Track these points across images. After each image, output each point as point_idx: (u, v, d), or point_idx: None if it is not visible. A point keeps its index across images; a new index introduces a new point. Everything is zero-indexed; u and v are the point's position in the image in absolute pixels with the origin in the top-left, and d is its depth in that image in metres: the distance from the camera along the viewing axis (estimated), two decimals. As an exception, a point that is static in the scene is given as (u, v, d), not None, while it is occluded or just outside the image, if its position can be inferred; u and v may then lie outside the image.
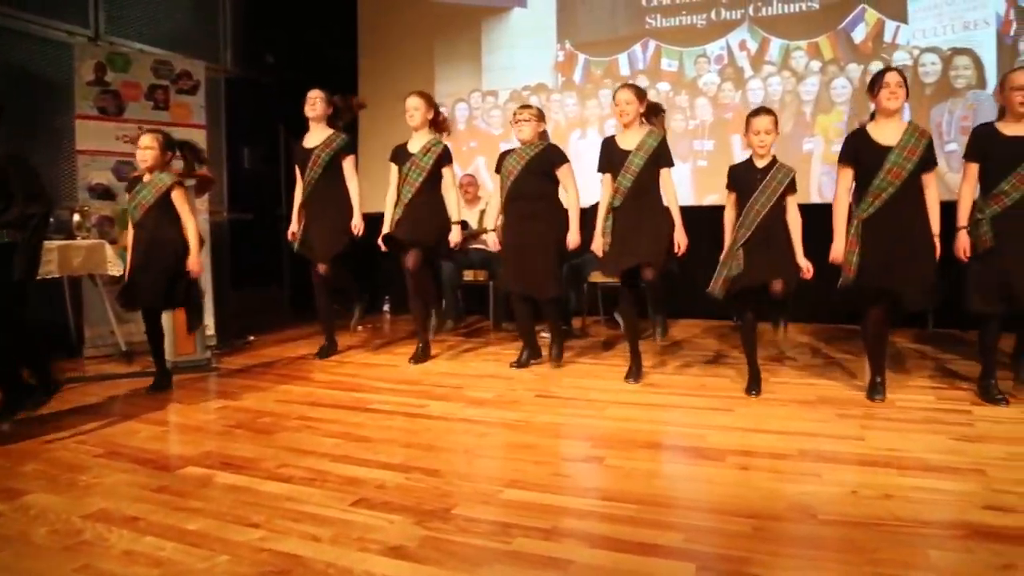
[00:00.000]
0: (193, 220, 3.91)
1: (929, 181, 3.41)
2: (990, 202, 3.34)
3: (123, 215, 5.04)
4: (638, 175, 3.80)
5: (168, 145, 3.94)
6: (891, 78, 3.37)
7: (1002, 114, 3.43)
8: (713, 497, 2.45)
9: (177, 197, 3.86)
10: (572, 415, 3.43)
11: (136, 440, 3.08)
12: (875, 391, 3.51)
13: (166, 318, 4.11)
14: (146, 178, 3.87)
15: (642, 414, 3.43)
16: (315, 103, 4.61)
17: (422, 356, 4.59)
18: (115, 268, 4.58)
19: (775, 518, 2.24)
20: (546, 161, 4.16)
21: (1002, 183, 3.30)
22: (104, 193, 5.07)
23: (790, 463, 2.72)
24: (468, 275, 5.92)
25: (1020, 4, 5.21)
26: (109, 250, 4.64)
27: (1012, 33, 5.25)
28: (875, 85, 3.43)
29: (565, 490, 2.51)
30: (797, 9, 5.79)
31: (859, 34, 5.65)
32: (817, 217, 3.79)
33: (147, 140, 3.87)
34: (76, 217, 4.69)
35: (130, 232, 3.93)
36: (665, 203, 3.89)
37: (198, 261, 3.89)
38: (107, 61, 5.05)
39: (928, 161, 3.38)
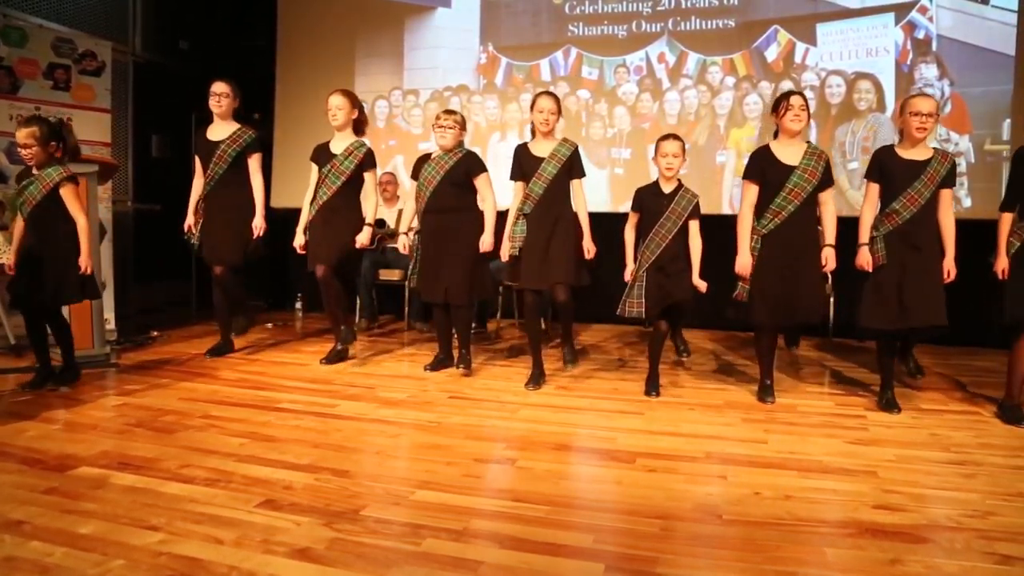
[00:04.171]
0: (84, 217, 3.69)
1: (827, 198, 3.62)
2: (884, 220, 3.51)
3: (14, 200, 4.75)
4: (550, 183, 3.84)
5: (50, 135, 3.65)
6: (795, 101, 3.53)
7: (902, 136, 3.61)
8: (622, 498, 2.49)
9: (67, 193, 3.63)
10: (484, 417, 3.43)
11: (24, 439, 2.91)
12: (766, 393, 3.71)
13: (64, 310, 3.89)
14: (35, 171, 3.65)
15: (553, 416, 3.46)
16: (220, 100, 4.42)
17: (335, 358, 4.49)
18: (4, 256, 4.31)
19: (681, 518, 2.30)
20: (464, 171, 4.13)
21: (894, 203, 3.48)
22: (-6, 175, 4.76)
23: (696, 465, 2.80)
24: (383, 274, 5.86)
25: (916, 36, 5.54)
26: (-1, 236, 4.37)
27: (908, 62, 5.57)
28: (779, 107, 3.58)
29: (476, 491, 2.51)
30: (714, 26, 5.98)
31: (771, 53, 5.87)
32: (730, 228, 3.89)
33: (22, 138, 3.57)
34: (-38, 200, 4.40)
35: (19, 226, 3.69)
36: (576, 212, 3.96)
37: (88, 259, 3.69)
38: (1, 34, 4.75)
39: (826, 181, 3.57)
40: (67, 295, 3.71)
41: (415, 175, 4.24)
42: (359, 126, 4.42)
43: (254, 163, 4.48)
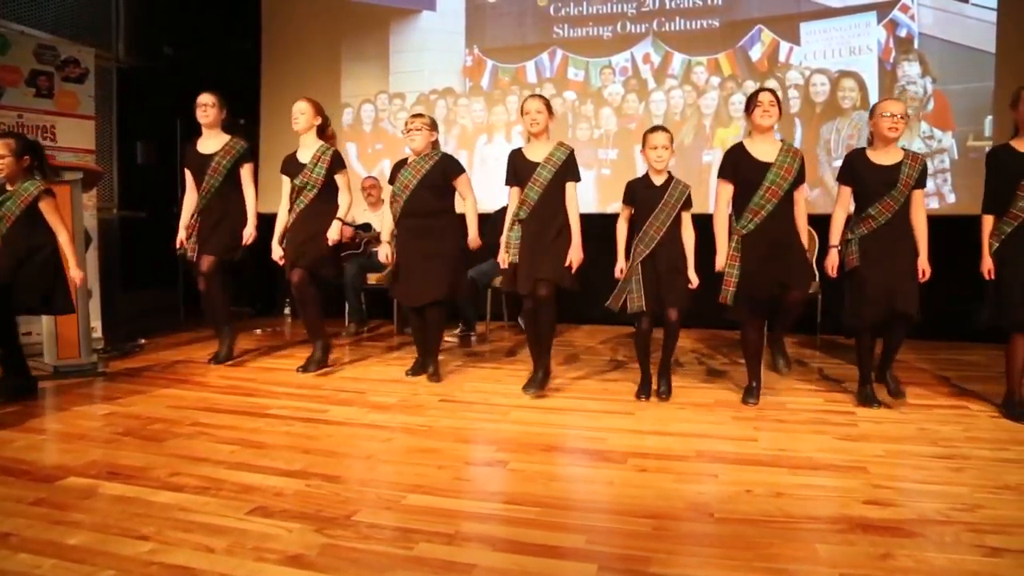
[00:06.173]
0: (66, 230, 3.67)
1: (799, 196, 3.63)
2: (860, 224, 3.56)
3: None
4: (545, 188, 3.78)
5: (23, 149, 3.62)
6: (764, 97, 3.56)
7: (873, 140, 3.62)
8: (613, 498, 2.50)
9: (46, 208, 3.60)
10: (475, 419, 3.43)
11: (10, 450, 2.88)
12: (750, 395, 3.70)
13: (47, 318, 3.86)
14: (9, 187, 3.59)
15: (544, 418, 3.46)
16: (207, 111, 4.39)
17: (314, 365, 4.35)
18: None
19: (673, 517, 2.31)
20: (442, 174, 4.08)
21: (869, 208, 3.52)
22: (-22, 185, 4.72)
23: (688, 464, 2.81)
24: (371, 278, 5.84)
25: (898, 34, 5.58)
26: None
27: (891, 59, 5.61)
28: (750, 104, 3.61)
29: (468, 494, 2.51)
30: (699, 26, 6.00)
31: (756, 53, 5.90)
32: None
33: None
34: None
35: None
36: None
37: (79, 269, 3.66)
38: (-17, 43, 4.71)
39: (799, 178, 3.60)
40: (56, 306, 3.68)
41: (392, 180, 4.19)
42: (323, 133, 4.36)
43: (246, 173, 4.48)
